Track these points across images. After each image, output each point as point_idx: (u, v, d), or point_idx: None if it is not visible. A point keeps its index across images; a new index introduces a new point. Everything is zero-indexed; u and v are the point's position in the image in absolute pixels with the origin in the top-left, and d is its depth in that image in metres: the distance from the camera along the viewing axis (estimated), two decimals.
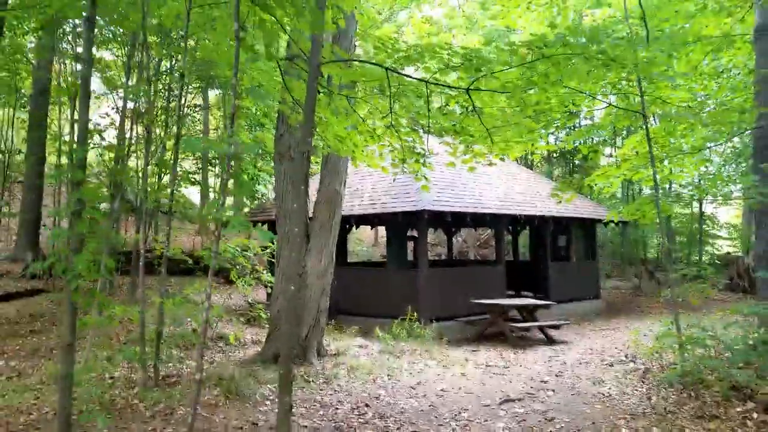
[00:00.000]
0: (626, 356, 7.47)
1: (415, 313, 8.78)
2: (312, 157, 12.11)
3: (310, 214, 7.61)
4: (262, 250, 10.38)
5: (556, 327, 9.64)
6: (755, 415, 4.40)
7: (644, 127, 5.61)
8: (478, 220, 11.13)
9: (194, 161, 17.25)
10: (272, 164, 9.51)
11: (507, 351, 8.45)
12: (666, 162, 6.81)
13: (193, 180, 15.22)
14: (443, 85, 3.88)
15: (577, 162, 20.47)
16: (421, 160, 4.78)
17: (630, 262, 20.33)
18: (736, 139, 12.06)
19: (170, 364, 6.81)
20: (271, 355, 6.96)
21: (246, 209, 14.69)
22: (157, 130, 9.20)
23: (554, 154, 21.21)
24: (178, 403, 5.31)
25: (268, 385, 5.95)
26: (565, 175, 20.34)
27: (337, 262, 12.15)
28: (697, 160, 6.52)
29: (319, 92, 4.64)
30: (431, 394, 5.91)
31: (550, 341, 9.22)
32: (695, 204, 15.63)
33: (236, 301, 12.39)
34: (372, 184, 11.28)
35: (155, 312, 6.36)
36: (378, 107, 4.41)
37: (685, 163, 6.78)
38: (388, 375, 6.67)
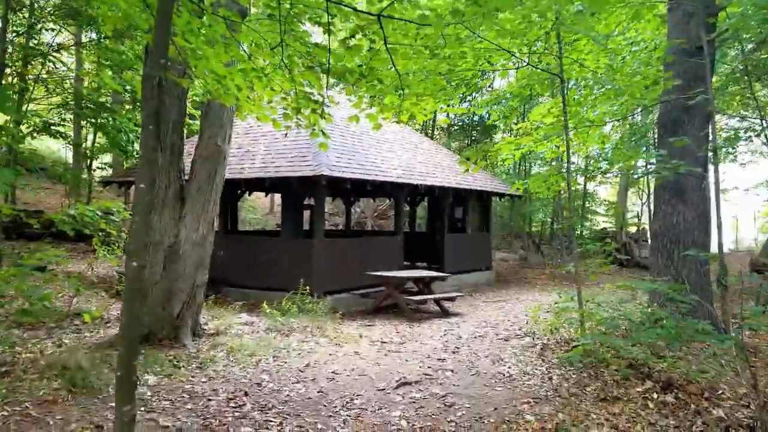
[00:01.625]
0: (521, 329, 7.46)
1: (309, 287, 8.08)
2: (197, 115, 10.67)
3: (187, 175, 6.53)
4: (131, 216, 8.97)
5: (451, 299, 9.53)
6: (655, 395, 4.35)
7: (561, 90, 5.36)
8: (378, 188, 10.59)
9: (57, 111, 14.51)
10: None
11: (403, 325, 8.12)
12: (571, 134, 6.75)
13: (54, 132, 12.80)
14: (349, 7, 3.12)
15: (474, 135, 20.83)
16: (319, 111, 4.00)
17: (517, 235, 21.43)
18: (631, 118, 12.71)
19: (2, 350, 5.49)
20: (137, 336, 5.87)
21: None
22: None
23: (454, 127, 21.39)
24: (2, 401, 4.16)
25: None
26: (463, 148, 20.65)
27: (225, 229, 11.13)
28: (600, 133, 6.54)
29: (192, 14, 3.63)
30: (321, 378, 5.30)
31: (445, 314, 9.08)
32: (580, 180, 16.62)
33: (105, 271, 10.90)
34: (266, 146, 10.22)
35: None
36: (266, 38, 3.53)
37: (590, 136, 6.78)
38: (273, 356, 5.93)
